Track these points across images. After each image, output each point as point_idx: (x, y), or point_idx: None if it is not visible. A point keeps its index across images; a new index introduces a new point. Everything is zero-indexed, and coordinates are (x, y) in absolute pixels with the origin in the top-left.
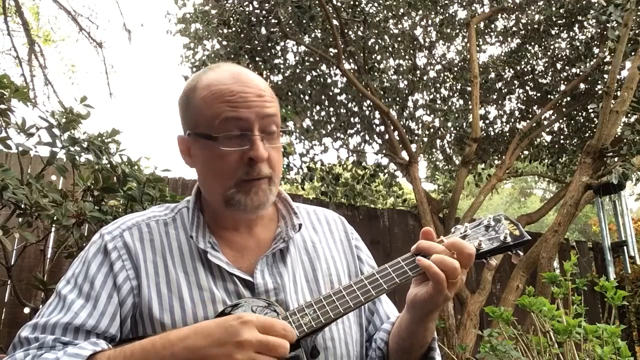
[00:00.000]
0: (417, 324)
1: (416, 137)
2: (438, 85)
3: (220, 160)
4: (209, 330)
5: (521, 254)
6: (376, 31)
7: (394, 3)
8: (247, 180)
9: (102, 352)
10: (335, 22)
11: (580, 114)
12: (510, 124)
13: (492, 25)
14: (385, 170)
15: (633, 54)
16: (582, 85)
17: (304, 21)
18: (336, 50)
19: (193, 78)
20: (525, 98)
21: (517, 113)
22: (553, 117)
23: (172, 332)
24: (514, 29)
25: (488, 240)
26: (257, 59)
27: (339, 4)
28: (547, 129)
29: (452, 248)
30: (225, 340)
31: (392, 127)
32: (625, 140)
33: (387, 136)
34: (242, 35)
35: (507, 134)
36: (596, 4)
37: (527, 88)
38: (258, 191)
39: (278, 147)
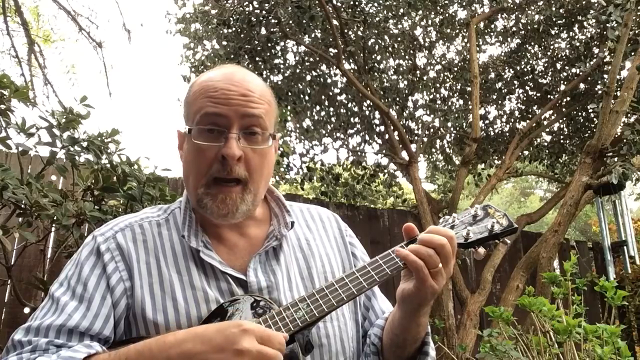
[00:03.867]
0: (409, 319)
1: (416, 137)
2: (438, 85)
3: (196, 154)
4: (208, 336)
5: (509, 242)
6: (376, 31)
7: (394, 3)
8: (218, 181)
9: (97, 354)
10: (335, 22)
11: (580, 114)
12: (510, 124)
13: (492, 25)
14: (385, 170)
15: (633, 54)
16: (582, 85)
17: (304, 21)
18: (336, 50)
19: (200, 75)
20: (525, 98)
21: (517, 113)
22: (553, 117)
23: (169, 335)
24: (514, 29)
25: (476, 230)
26: (257, 59)
27: (339, 4)
28: (547, 129)
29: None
30: (225, 347)
31: (392, 127)
32: (625, 140)
33: (387, 136)
34: (242, 36)
35: (507, 134)
36: (596, 4)
37: (527, 88)
38: (226, 198)
39: (260, 150)
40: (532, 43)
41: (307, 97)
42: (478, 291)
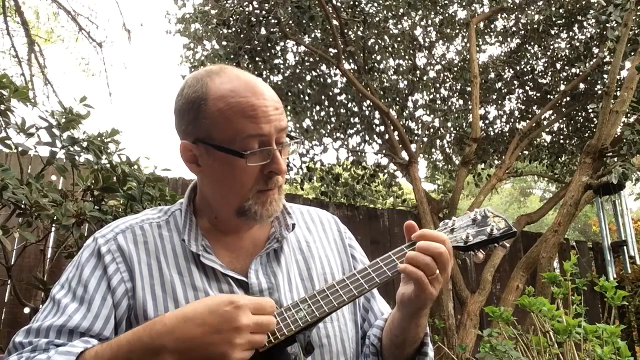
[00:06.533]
0: (408, 321)
1: (416, 137)
2: (438, 85)
3: (242, 174)
4: (202, 318)
5: (507, 245)
6: (376, 31)
7: (394, 3)
8: (263, 191)
9: (92, 347)
10: (335, 22)
11: (580, 114)
12: (510, 124)
13: (492, 25)
14: (385, 170)
15: (633, 54)
16: (581, 85)
17: (304, 21)
18: (336, 50)
19: (197, 82)
20: (525, 98)
21: (516, 113)
22: (553, 117)
23: (157, 323)
24: (514, 29)
25: (475, 233)
26: (257, 59)
27: (338, 4)
28: (547, 129)
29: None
30: (223, 327)
31: (392, 127)
32: (625, 140)
33: (387, 136)
34: (241, 36)
35: (507, 134)
36: (596, 4)
37: (527, 88)
38: (272, 201)
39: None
40: (532, 43)
41: (307, 97)
42: (478, 291)
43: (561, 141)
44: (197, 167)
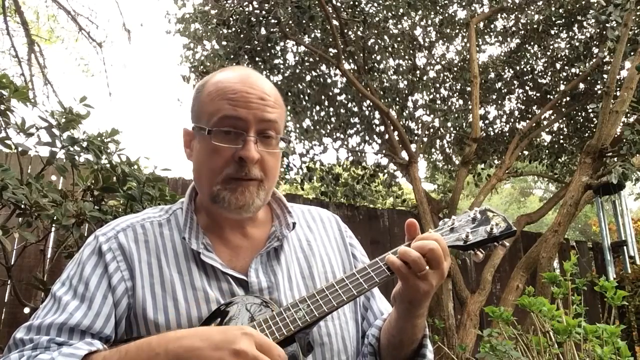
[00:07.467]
0: (404, 320)
1: (416, 137)
2: (438, 85)
3: (212, 154)
4: (208, 334)
5: (507, 244)
6: (376, 31)
7: (394, 3)
8: (235, 179)
9: (98, 352)
10: (335, 22)
11: (579, 114)
12: (510, 124)
13: (492, 25)
14: (385, 170)
15: (633, 54)
16: (581, 85)
17: (304, 21)
18: (336, 50)
19: (210, 76)
20: (524, 98)
21: (516, 113)
22: (553, 117)
23: (171, 332)
24: (514, 29)
25: (475, 232)
26: (257, 59)
27: (338, 4)
28: (547, 129)
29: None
30: (222, 345)
31: (391, 127)
32: (625, 140)
33: (387, 136)
34: (241, 36)
35: (507, 134)
36: (596, 4)
37: (527, 88)
38: (244, 191)
39: (274, 153)
40: (532, 43)
41: (307, 97)
42: (478, 291)
43: (561, 141)
44: (189, 150)
